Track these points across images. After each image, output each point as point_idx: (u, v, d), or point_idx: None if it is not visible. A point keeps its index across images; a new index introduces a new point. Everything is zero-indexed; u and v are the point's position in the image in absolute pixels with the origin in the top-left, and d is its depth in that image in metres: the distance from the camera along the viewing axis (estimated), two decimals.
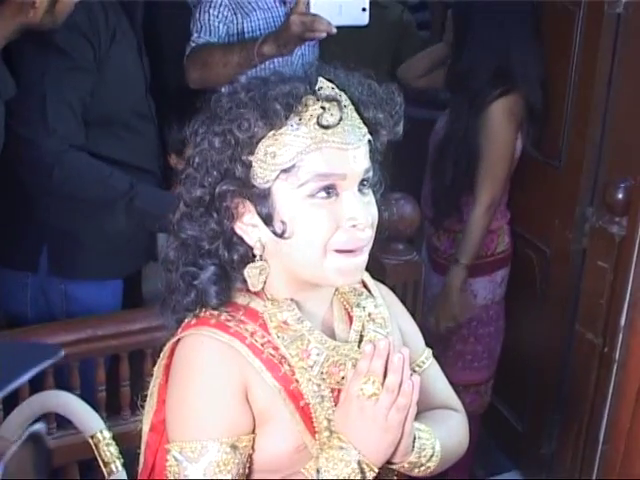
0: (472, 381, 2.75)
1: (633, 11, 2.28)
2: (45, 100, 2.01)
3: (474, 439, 2.77)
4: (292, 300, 1.22)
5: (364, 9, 2.12)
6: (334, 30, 2.11)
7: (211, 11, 2.39)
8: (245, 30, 2.40)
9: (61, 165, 2.03)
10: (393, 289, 1.45)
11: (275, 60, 2.28)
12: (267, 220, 1.16)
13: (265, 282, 1.21)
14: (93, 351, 1.98)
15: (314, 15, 2.10)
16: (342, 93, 1.16)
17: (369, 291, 1.34)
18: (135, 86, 2.23)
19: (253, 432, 1.18)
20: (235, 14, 2.39)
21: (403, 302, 1.45)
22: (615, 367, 2.29)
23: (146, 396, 1.29)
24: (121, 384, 2.03)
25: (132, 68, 2.21)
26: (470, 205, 2.60)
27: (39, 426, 1.26)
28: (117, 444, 1.58)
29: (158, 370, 1.26)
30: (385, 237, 2.02)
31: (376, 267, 1.40)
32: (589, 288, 2.44)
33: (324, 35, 2.13)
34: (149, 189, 2.14)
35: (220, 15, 2.38)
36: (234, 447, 1.15)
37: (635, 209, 2.21)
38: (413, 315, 1.44)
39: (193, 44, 2.38)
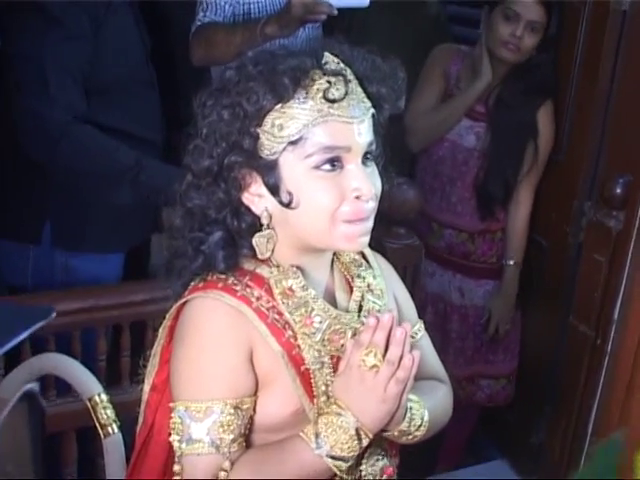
0: (514, 369, 2.80)
1: (638, 8, 2.29)
2: (45, 70, 2.00)
3: (473, 423, 2.85)
4: (297, 268, 1.24)
5: None
6: (335, 12, 2.14)
7: None
8: (251, 11, 2.40)
9: (67, 138, 2.03)
10: None
11: (278, 40, 2.28)
12: (274, 190, 1.18)
13: (272, 251, 1.23)
14: (95, 321, 2.00)
15: None
16: (347, 68, 1.18)
17: (368, 263, 1.37)
18: (134, 53, 2.23)
19: (255, 394, 1.21)
20: None
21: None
22: (607, 360, 2.31)
23: (147, 362, 1.31)
24: (122, 355, 2.04)
25: (129, 35, 2.21)
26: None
27: (33, 385, 1.28)
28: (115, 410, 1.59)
29: (162, 332, 1.28)
30: (387, 220, 2.04)
31: (377, 250, 1.42)
32: (584, 281, 2.47)
33: (324, 17, 2.17)
34: (155, 164, 2.13)
35: None
36: (237, 408, 1.18)
37: (633, 203, 2.23)
38: (412, 297, 1.46)
39: (199, 23, 2.39)
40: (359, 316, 1.28)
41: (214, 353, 1.18)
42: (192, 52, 2.38)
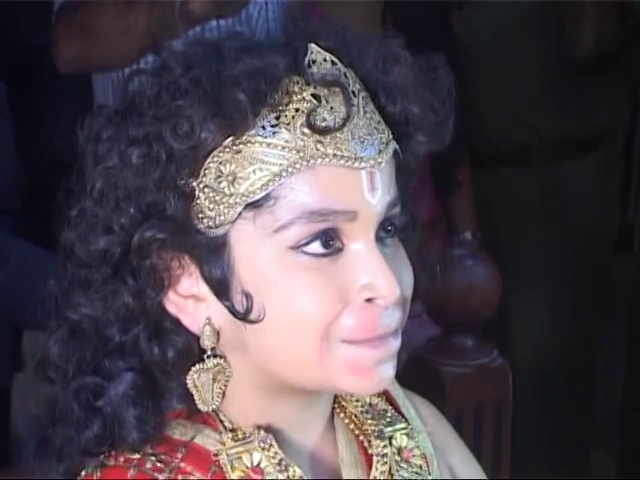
0: None
1: None
2: None
3: None
4: (267, 430, 1.12)
5: None
6: None
7: None
8: None
9: None
10: (458, 417, 1.47)
11: (215, 23, 1.98)
12: (220, 290, 1.08)
13: (223, 396, 1.11)
14: None
15: None
16: (349, 70, 1.07)
17: (397, 409, 1.26)
18: None
19: None
20: None
21: (476, 445, 1.40)
22: None
23: None
24: None
25: None
26: None
27: None
28: None
29: None
30: (441, 325, 1.95)
31: (429, 379, 1.47)
32: None
33: None
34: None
35: None
36: None
37: None
38: (496, 465, 1.44)
39: None
40: None
41: None
42: (56, 48, 2.08)
